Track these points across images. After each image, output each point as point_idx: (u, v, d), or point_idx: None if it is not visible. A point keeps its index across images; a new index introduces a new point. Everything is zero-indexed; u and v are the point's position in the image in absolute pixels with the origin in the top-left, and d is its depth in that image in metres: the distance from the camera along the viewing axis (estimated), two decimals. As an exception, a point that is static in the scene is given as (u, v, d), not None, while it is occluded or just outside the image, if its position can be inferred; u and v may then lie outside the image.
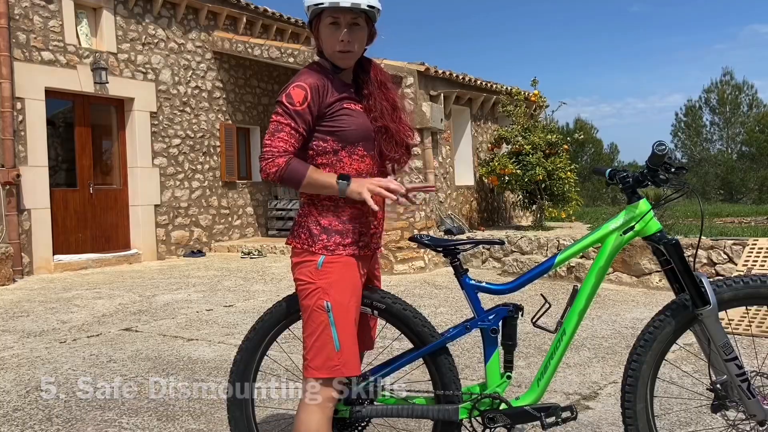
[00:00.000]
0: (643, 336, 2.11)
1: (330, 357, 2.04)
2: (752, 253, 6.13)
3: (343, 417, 2.19)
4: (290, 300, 2.27)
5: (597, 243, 2.15)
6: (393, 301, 2.23)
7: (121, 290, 7.47)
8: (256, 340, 2.31)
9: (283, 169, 2.00)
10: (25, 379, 3.96)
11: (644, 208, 2.08)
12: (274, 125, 2.04)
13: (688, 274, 2.03)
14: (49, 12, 9.27)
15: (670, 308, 2.09)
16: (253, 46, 11.31)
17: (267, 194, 13.08)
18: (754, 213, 13.81)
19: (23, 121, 8.89)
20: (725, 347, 2.00)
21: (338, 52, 2.10)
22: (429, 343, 2.19)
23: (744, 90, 37.74)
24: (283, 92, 2.08)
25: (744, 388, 1.99)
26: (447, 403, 2.19)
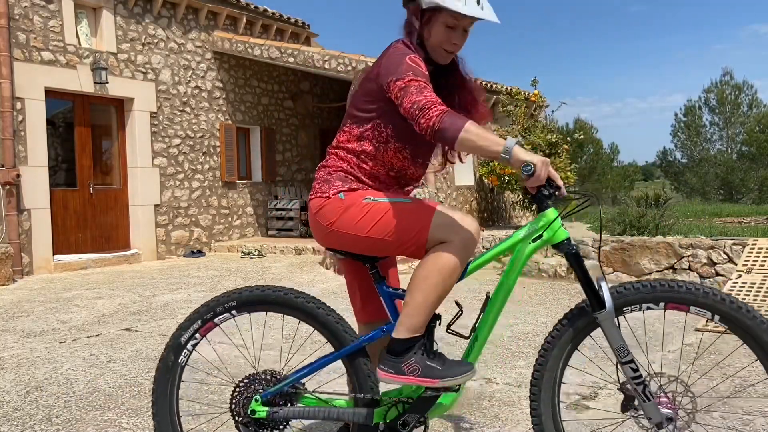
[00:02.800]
0: (545, 343, 2.15)
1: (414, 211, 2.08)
2: (752, 253, 6.13)
3: (260, 418, 2.18)
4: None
5: (508, 251, 2.17)
6: (307, 300, 2.23)
7: (121, 290, 7.47)
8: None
9: (445, 113, 1.91)
10: (25, 379, 3.96)
11: (551, 216, 2.11)
12: (416, 85, 1.98)
13: (585, 279, 2.07)
14: (49, 12, 9.27)
15: (570, 314, 2.14)
16: (253, 46, 11.32)
17: (267, 194, 13.09)
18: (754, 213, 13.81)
19: (23, 121, 8.89)
20: (620, 350, 2.02)
21: (444, 50, 2.15)
22: (347, 345, 2.20)
23: (744, 90, 37.75)
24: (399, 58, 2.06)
25: (640, 390, 2.01)
26: (364, 406, 2.18)
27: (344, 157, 2.22)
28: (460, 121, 1.89)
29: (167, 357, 2.31)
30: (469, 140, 1.88)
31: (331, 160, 2.24)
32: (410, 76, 2.00)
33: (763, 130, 35.63)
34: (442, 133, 1.90)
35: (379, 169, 2.20)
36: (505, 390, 3.55)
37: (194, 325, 2.29)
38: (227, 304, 2.27)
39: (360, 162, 2.20)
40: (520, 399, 3.40)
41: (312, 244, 10.75)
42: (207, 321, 2.29)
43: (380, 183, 2.22)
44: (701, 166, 37.61)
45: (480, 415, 3.17)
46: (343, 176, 2.19)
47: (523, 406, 3.30)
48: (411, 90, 1.97)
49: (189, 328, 2.29)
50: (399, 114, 2.09)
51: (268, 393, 2.20)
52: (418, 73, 2.01)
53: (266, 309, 2.27)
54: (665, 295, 2.03)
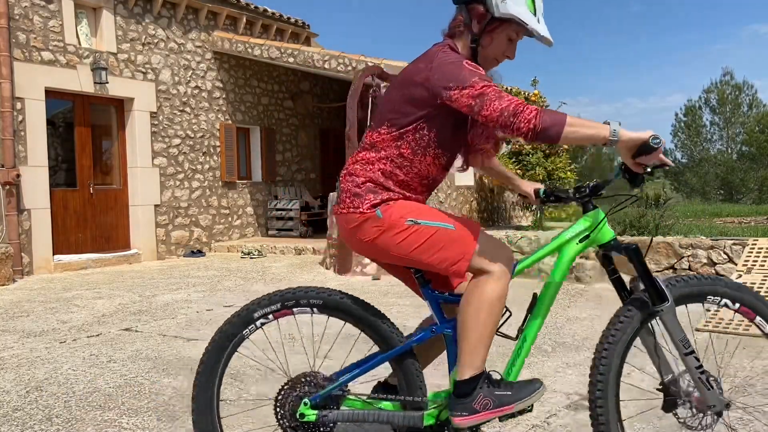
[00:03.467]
0: (609, 333, 2.15)
1: (456, 239, 2.04)
2: (752, 253, 6.13)
3: (310, 421, 2.15)
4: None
5: (555, 251, 2.18)
6: (354, 301, 2.22)
7: (121, 290, 7.47)
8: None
9: (541, 113, 1.87)
10: (25, 379, 3.96)
11: (599, 217, 2.13)
12: (492, 92, 1.93)
13: (647, 275, 2.10)
14: (49, 12, 9.27)
15: (632, 305, 2.15)
16: (253, 46, 11.31)
17: (267, 194, 13.09)
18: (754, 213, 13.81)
19: (23, 121, 8.89)
20: (684, 341, 2.07)
21: (496, 60, 2.16)
22: (395, 347, 2.18)
23: (744, 90, 37.76)
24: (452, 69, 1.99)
25: (704, 379, 2.06)
26: (413, 409, 2.16)
27: (374, 161, 2.13)
28: (560, 116, 1.87)
29: (234, 325, 2.24)
30: (575, 132, 1.87)
31: (358, 167, 2.16)
32: (481, 83, 1.94)
33: (763, 130, 35.63)
34: (545, 132, 1.86)
35: (412, 177, 2.14)
36: (505, 390, 3.54)
37: (273, 306, 2.23)
38: (313, 300, 2.22)
39: (393, 168, 2.12)
40: (520, 399, 3.39)
41: (312, 244, 10.75)
42: (287, 307, 2.23)
43: (411, 191, 2.16)
44: (701, 166, 37.61)
45: (480, 415, 3.16)
46: (372, 187, 2.11)
47: (523, 406, 3.29)
48: (490, 97, 1.92)
49: (266, 307, 2.23)
50: (444, 121, 2.08)
51: (317, 396, 2.16)
52: (484, 77, 1.96)
53: (345, 320, 2.24)
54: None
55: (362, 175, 2.13)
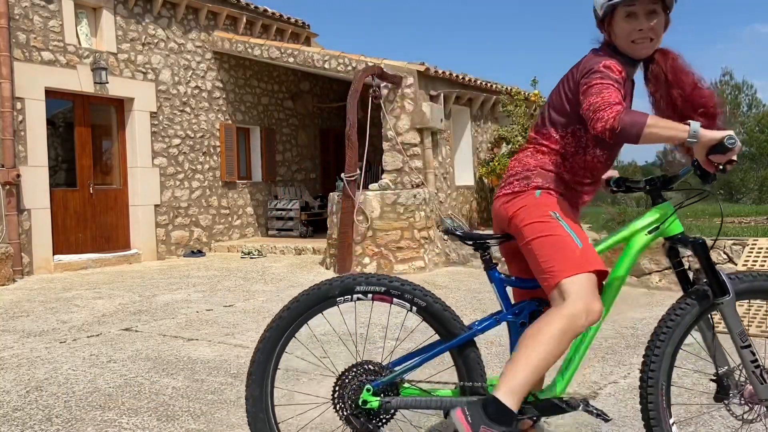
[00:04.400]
0: (666, 321, 2.16)
1: (573, 254, 2.04)
2: (752, 253, 6.13)
3: (372, 408, 2.14)
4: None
5: (623, 241, 2.21)
6: (424, 294, 2.23)
7: (121, 290, 7.47)
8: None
9: (620, 113, 1.88)
10: (25, 379, 3.96)
11: (669, 209, 2.17)
12: (597, 87, 1.96)
13: (711, 268, 2.15)
14: (49, 12, 9.27)
15: (693, 295, 2.17)
16: (253, 46, 11.32)
17: (267, 194, 13.09)
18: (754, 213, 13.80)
19: (23, 121, 8.89)
20: (741, 335, 2.11)
21: (634, 43, 2.12)
22: (457, 336, 2.20)
23: (743, 90, 37.76)
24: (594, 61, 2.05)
25: (758, 374, 2.09)
26: (473, 394, 2.18)
27: (546, 152, 2.21)
28: (641, 117, 1.88)
29: (332, 288, 2.20)
30: (654, 134, 1.88)
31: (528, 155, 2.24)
32: (597, 78, 1.98)
33: (763, 130, 35.64)
34: (624, 132, 1.87)
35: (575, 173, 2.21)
36: (505, 390, 3.54)
37: (377, 288, 2.20)
38: (420, 298, 2.20)
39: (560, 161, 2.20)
40: (520, 399, 3.39)
41: (312, 244, 10.74)
42: (390, 295, 2.21)
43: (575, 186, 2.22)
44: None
45: (480, 415, 3.16)
46: (543, 173, 2.18)
47: (523, 406, 3.29)
48: (592, 91, 1.96)
49: (371, 285, 2.19)
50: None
51: (378, 383, 2.16)
52: (606, 76, 1.99)
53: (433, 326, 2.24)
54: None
55: (533, 163, 2.21)
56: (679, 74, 2.18)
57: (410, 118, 9.66)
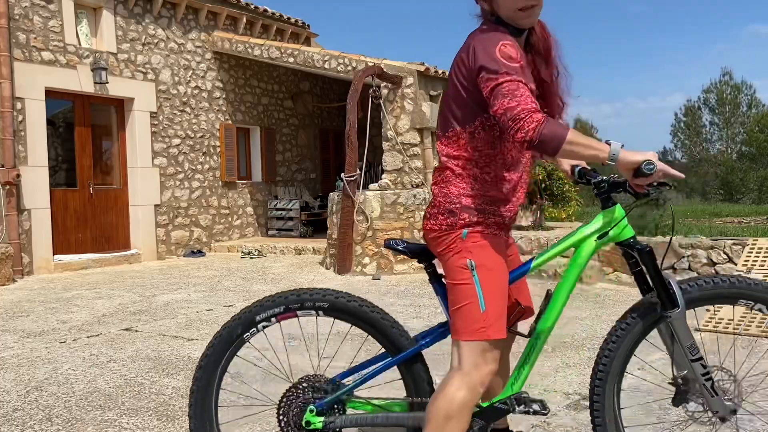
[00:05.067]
0: (613, 335, 2.13)
1: (473, 318, 1.95)
2: (752, 253, 6.13)
3: (316, 428, 2.11)
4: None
5: (572, 247, 2.13)
6: (361, 304, 2.19)
7: (121, 290, 7.47)
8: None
9: (542, 125, 1.76)
10: (25, 379, 3.96)
11: (619, 214, 2.09)
12: (508, 87, 1.80)
13: (659, 278, 2.06)
14: (49, 12, 9.27)
15: (639, 309, 2.12)
16: (253, 46, 11.32)
17: (267, 194, 13.09)
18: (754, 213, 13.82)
19: (23, 121, 8.89)
20: (692, 348, 2.04)
21: (521, 11, 1.94)
22: (403, 349, 2.15)
23: (743, 90, 37.79)
24: (490, 52, 1.86)
25: (708, 386, 2.04)
26: (421, 409, 2.13)
27: (462, 169, 2.04)
28: (561, 132, 1.78)
29: (234, 327, 2.19)
30: (572, 151, 1.80)
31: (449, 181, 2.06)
32: (503, 76, 1.82)
33: (763, 130, 35.65)
34: (542, 145, 1.78)
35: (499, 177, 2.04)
36: (505, 390, 3.55)
37: (276, 309, 2.18)
38: (318, 303, 2.17)
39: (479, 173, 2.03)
40: (520, 399, 3.39)
41: (312, 244, 10.75)
42: (291, 310, 2.17)
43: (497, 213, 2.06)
44: (701, 166, 37.63)
45: (480, 415, 3.16)
46: (469, 206, 2.02)
47: (523, 406, 3.29)
48: (503, 92, 1.81)
49: (269, 310, 2.18)
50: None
51: (322, 403, 2.12)
52: (511, 69, 1.83)
53: (352, 323, 2.20)
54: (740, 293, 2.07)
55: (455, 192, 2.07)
56: (551, 54, 2.09)
57: (410, 118, 9.66)
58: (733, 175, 35.66)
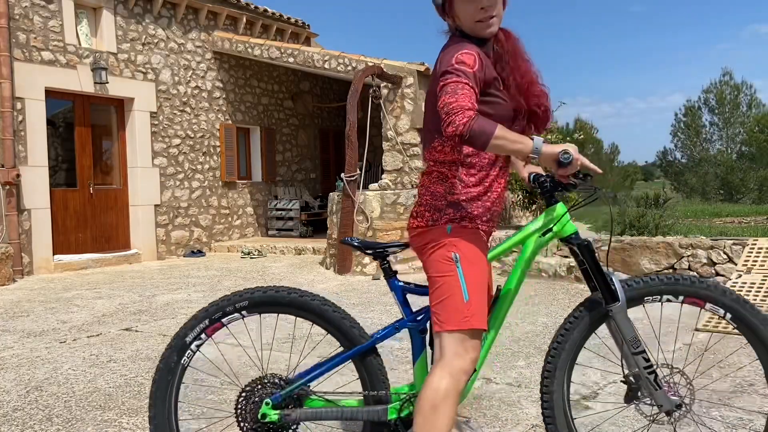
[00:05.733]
0: (558, 334, 2.19)
1: (458, 308, 2.02)
2: (752, 253, 6.13)
3: (272, 421, 2.15)
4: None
5: (519, 244, 2.21)
6: (321, 303, 2.23)
7: (121, 290, 7.47)
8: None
9: (474, 119, 1.85)
10: (25, 379, 3.96)
11: (561, 211, 2.16)
12: (452, 86, 1.92)
13: (599, 272, 2.13)
14: (49, 12, 9.27)
15: (584, 306, 2.19)
16: (253, 46, 11.32)
17: (267, 194, 13.09)
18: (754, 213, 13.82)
19: (23, 121, 8.89)
20: (633, 341, 2.10)
21: (479, 22, 2.05)
22: (358, 345, 2.20)
23: (743, 90, 37.78)
24: (448, 60, 1.98)
25: (651, 379, 2.09)
26: (376, 403, 2.19)
27: (447, 170, 2.13)
28: (490, 127, 1.87)
29: (169, 357, 2.24)
30: (500, 145, 1.89)
31: (434, 181, 2.15)
32: (452, 77, 1.94)
33: (763, 130, 35.65)
34: (471, 140, 1.87)
35: (483, 171, 2.12)
36: (505, 390, 3.55)
37: (201, 325, 2.23)
38: (238, 304, 2.21)
39: (465, 171, 2.11)
40: (519, 399, 3.40)
41: (312, 244, 10.75)
42: (215, 321, 2.23)
43: (482, 209, 2.13)
44: (701, 166, 37.64)
45: (480, 415, 3.17)
46: (455, 201, 2.11)
47: (523, 405, 3.30)
48: (447, 90, 1.92)
49: (195, 328, 2.23)
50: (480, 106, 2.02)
51: (278, 396, 2.17)
52: (459, 71, 1.94)
53: (278, 311, 2.23)
54: (684, 290, 2.12)
55: (441, 190, 2.16)
56: (517, 59, 2.15)
57: (410, 118, 9.66)
58: (733, 175, 35.66)
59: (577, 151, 1.93)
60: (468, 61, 1.97)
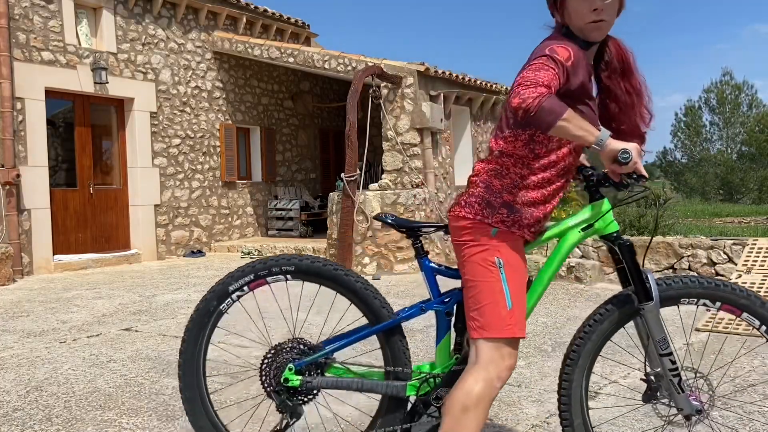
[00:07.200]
0: (585, 326, 2.19)
1: (500, 315, 1.97)
2: (752, 253, 6.13)
3: (293, 386, 2.21)
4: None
5: (557, 237, 2.17)
6: (356, 279, 2.29)
7: (121, 290, 7.47)
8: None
9: (544, 96, 1.77)
10: (25, 379, 3.96)
11: (606, 207, 2.13)
12: (536, 65, 1.85)
13: (637, 271, 2.11)
14: (49, 12, 9.27)
15: (616, 300, 2.17)
16: (253, 46, 11.32)
17: (267, 194, 13.09)
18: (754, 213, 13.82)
19: (23, 121, 8.89)
20: (662, 342, 2.09)
21: (590, 24, 1.98)
22: (384, 321, 2.25)
23: (744, 90, 37.77)
24: (540, 48, 1.93)
25: (675, 382, 2.08)
26: (396, 379, 2.23)
27: (512, 165, 2.05)
28: (560, 108, 1.78)
29: (210, 301, 2.30)
30: (565, 128, 1.80)
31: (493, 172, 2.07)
32: (539, 59, 1.87)
33: (763, 130, 35.65)
34: (537, 116, 1.77)
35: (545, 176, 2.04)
36: (505, 390, 3.55)
37: (246, 278, 2.28)
38: (285, 267, 2.27)
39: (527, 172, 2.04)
40: (520, 399, 3.40)
41: (312, 244, 10.74)
42: (260, 277, 2.29)
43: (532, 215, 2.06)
44: (701, 166, 37.63)
45: (480, 415, 3.16)
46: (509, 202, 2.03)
47: (523, 405, 3.30)
48: (530, 67, 1.86)
49: (240, 279, 2.28)
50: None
51: (301, 363, 2.22)
52: (550, 59, 1.87)
53: (320, 283, 2.29)
54: (724, 296, 2.10)
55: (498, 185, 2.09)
56: (631, 71, 2.10)
57: (410, 118, 9.66)
58: (733, 175, 35.66)
59: (639, 153, 1.87)
60: (561, 53, 1.90)
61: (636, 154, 1.85)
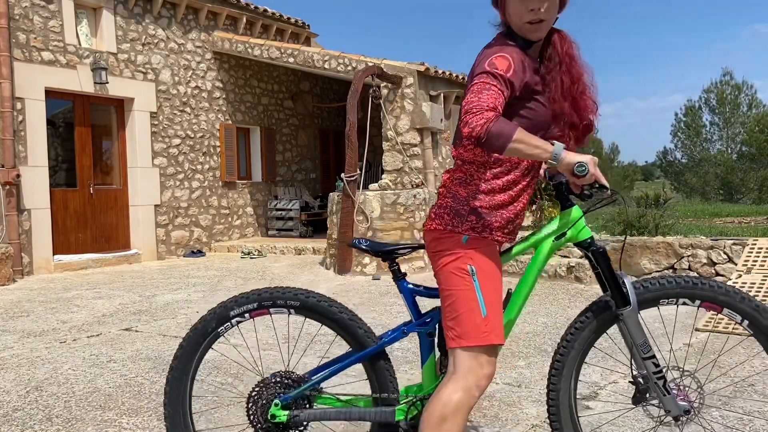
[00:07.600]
0: (567, 335, 2.19)
1: (475, 323, 1.96)
2: (752, 253, 6.13)
3: (281, 422, 2.16)
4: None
5: (531, 247, 2.17)
6: (330, 304, 2.25)
7: (121, 290, 7.47)
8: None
9: (491, 122, 1.77)
10: (25, 379, 3.96)
11: (576, 215, 2.13)
12: (478, 86, 1.85)
13: (612, 277, 2.11)
14: (49, 12, 9.27)
15: (593, 308, 2.17)
16: (253, 46, 11.32)
17: (267, 194, 13.09)
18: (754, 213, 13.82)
19: (23, 121, 8.89)
20: (643, 346, 2.09)
21: (528, 24, 1.98)
22: (367, 347, 2.21)
23: (743, 90, 37.75)
24: (481, 62, 1.92)
25: (660, 385, 2.08)
26: (384, 405, 2.20)
27: (474, 171, 2.05)
28: (510, 130, 1.79)
29: (209, 322, 2.28)
30: (518, 149, 1.81)
31: (457, 182, 2.07)
32: (479, 78, 1.88)
33: (763, 130, 35.64)
34: (488, 143, 1.80)
35: (510, 176, 2.04)
36: (505, 390, 3.55)
37: (250, 305, 2.25)
38: (290, 302, 2.24)
39: (490, 176, 2.04)
40: (520, 399, 3.40)
41: (312, 244, 10.75)
42: (264, 307, 2.25)
43: (503, 218, 2.06)
44: (701, 166, 37.62)
45: (480, 414, 3.17)
46: (477, 208, 2.03)
47: (523, 405, 3.30)
48: (473, 89, 1.86)
49: (243, 306, 2.25)
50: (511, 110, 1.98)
51: (287, 397, 2.18)
52: (491, 73, 1.88)
53: (322, 322, 2.25)
54: (702, 294, 2.09)
55: (464, 193, 2.09)
56: (571, 63, 2.08)
57: (410, 118, 9.66)
58: (733, 175, 35.65)
59: (595, 164, 1.87)
60: (500, 65, 1.90)
61: (592, 166, 1.86)
